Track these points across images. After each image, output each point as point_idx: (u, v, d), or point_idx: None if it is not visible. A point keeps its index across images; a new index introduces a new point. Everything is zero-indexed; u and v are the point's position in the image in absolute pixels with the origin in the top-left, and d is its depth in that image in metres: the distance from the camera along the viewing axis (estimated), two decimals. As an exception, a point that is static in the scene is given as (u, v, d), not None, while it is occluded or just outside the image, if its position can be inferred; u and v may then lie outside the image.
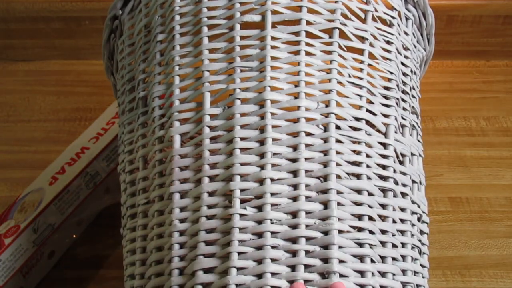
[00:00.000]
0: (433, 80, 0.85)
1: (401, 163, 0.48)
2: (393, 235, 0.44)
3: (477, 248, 0.67)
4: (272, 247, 0.41)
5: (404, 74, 0.52)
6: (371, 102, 0.47)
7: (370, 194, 0.44)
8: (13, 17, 0.86)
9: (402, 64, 0.52)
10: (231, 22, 0.46)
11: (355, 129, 0.45)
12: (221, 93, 0.45)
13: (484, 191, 0.72)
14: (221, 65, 0.46)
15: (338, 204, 0.42)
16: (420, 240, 0.48)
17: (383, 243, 0.44)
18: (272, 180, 0.42)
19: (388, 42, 0.50)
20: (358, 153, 0.45)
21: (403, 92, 0.51)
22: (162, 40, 0.49)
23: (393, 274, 0.43)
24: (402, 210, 0.46)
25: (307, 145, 0.43)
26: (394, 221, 0.45)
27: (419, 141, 0.53)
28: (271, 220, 0.41)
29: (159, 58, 0.49)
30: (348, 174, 0.44)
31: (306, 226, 0.41)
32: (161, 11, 0.50)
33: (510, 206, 0.71)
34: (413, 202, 0.47)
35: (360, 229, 0.43)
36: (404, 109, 0.50)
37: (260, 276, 0.40)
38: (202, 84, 0.45)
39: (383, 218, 0.45)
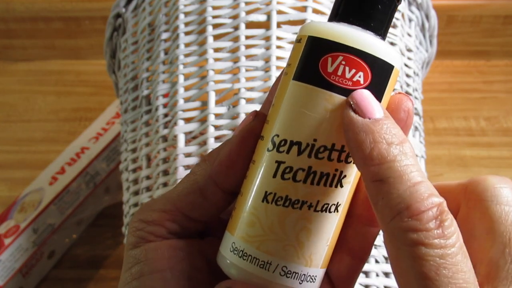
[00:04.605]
0: (433, 80, 0.85)
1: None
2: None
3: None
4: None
5: (407, 76, 0.52)
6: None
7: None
8: (13, 17, 0.86)
9: (406, 65, 0.52)
10: (236, 21, 0.46)
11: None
12: (226, 92, 0.45)
13: (484, 191, 0.72)
14: (226, 64, 0.46)
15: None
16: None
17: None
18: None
19: (391, 44, 0.50)
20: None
21: (406, 93, 0.51)
22: (166, 38, 0.49)
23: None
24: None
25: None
26: (398, 221, 0.45)
27: (421, 142, 0.53)
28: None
29: (163, 57, 0.49)
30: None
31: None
32: (166, 9, 0.50)
33: (510, 206, 0.71)
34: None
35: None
36: (407, 109, 0.50)
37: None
38: (207, 83, 0.45)
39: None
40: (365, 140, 0.24)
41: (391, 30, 0.50)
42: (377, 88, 0.26)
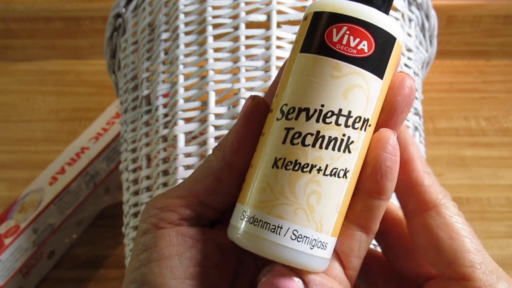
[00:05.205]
0: (433, 80, 0.85)
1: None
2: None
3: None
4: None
5: (407, 75, 0.52)
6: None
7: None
8: (13, 17, 0.86)
9: (405, 65, 0.52)
10: (236, 21, 0.46)
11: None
12: (226, 92, 0.45)
13: (484, 191, 0.72)
14: (226, 64, 0.46)
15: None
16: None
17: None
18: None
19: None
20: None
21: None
22: (166, 38, 0.49)
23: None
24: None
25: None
26: (398, 221, 0.45)
27: (421, 142, 0.53)
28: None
29: (163, 57, 0.49)
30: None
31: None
32: (166, 9, 0.50)
33: (510, 206, 0.71)
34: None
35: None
36: (407, 109, 0.50)
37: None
38: (207, 83, 0.45)
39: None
40: None
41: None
42: (381, 57, 0.27)
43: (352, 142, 0.27)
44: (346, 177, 0.27)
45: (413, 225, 0.29)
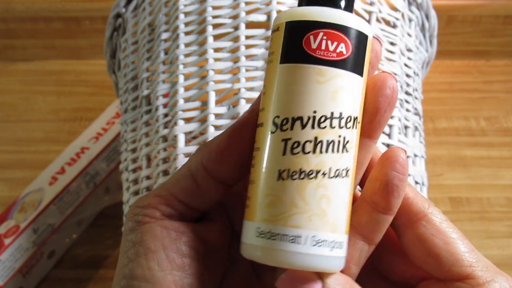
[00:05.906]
0: (433, 80, 0.85)
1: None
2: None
3: (477, 248, 0.66)
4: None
5: (407, 76, 0.52)
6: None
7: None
8: (13, 17, 0.86)
9: (406, 65, 0.52)
10: (236, 21, 0.46)
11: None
12: (226, 92, 0.45)
13: (484, 191, 0.72)
14: (226, 64, 0.46)
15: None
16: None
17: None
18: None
19: (391, 43, 0.50)
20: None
21: (407, 93, 0.51)
22: (166, 38, 0.49)
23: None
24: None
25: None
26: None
27: (421, 142, 0.53)
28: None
29: (163, 57, 0.49)
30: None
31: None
32: (166, 9, 0.50)
33: (510, 206, 0.71)
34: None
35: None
36: (407, 110, 0.50)
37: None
38: (207, 83, 0.45)
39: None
40: None
41: (391, 30, 0.50)
42: (358, 56, 0.28)
43: (348, 141, 0.28)
44: (348, 175, 0.28)
45: (407, 237, 0.30)
